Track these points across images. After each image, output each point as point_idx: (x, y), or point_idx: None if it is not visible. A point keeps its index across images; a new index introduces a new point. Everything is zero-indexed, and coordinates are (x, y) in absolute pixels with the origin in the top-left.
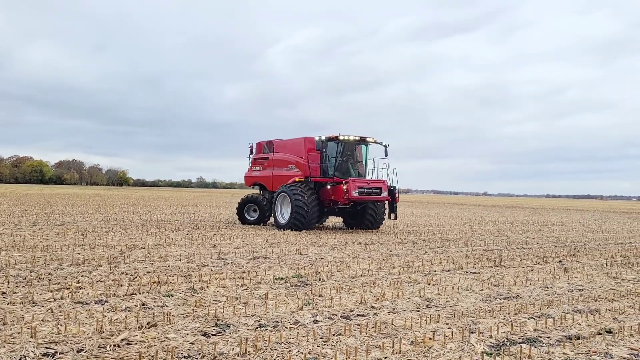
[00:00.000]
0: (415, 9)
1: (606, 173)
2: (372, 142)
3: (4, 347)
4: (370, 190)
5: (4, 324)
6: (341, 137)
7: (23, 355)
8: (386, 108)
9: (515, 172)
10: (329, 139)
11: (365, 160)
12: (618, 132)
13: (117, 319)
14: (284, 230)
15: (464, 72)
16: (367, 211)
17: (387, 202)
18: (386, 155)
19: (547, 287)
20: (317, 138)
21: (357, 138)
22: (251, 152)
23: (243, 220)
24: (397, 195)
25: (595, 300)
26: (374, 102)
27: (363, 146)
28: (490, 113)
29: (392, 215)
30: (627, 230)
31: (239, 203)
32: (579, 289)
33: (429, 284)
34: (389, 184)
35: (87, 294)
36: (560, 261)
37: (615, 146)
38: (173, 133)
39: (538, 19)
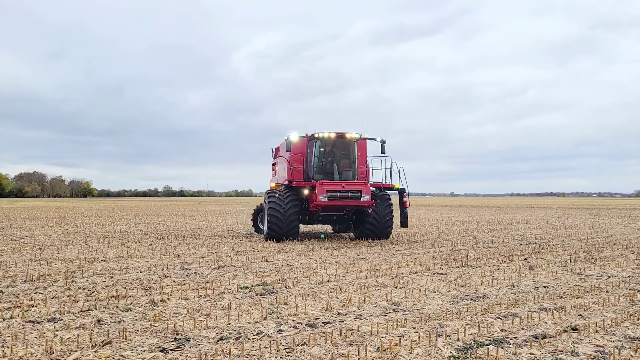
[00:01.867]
0: (377, 13)
1: (565, 171)
2: (358, 138)
3: None
4: (346, 194)
5: None
6: (316, 135)
7: None
8: (351, 112)
9: (480, 172)
10: (309, 138)
11: (354, 160)
12: (574, 131)
13: (69, 338)
14: (267, 240)
15: (427, 75)
16: (366, 217)
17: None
18: (383, 152)
19: (513, 286)
20: (286, 137)
21: (333, 135)
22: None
23: (258, 230)
24: (405, 199)
25: (561, 297)
26: (339, 106)
27: (354, 144)
28: (453, 115)
29: (401, 223)
30: (589, 226)
31: (253, 212)
32: (545, 287)
33: (396, 287)
34: (399, 186)
35: (40, 311)
36: (525, 259)
37: (572, 145)
38: (136, 142)
39: (497, 22)
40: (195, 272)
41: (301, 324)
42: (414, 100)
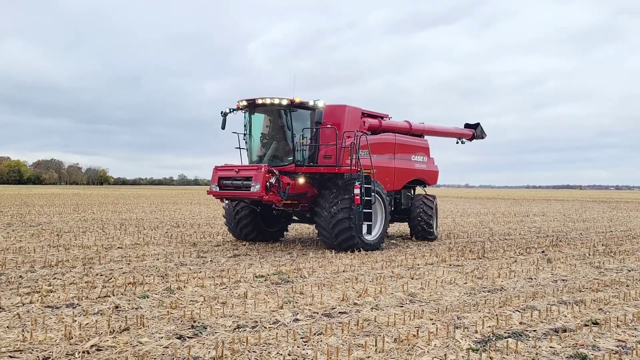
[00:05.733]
0: (394, 1)
1: (584, 162)
2: (285, 106)
3: None
4: (240, 182)
5: None
6: (240, 105)
7: None
8: (367, 101)
9: (496, 164)
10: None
11: (289, 135)
12: (594, 122)
13: (87, 324)
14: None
15: (445, 64)
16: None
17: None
18: (318, 121)
19: (531, 279)
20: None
21: (244, 103)
22: None
23: None
24: (356, 193)
25: (580, 291)
26: (355, 95)
27: (284, 113)
28: (471, 105)
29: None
30: (607, 219)
31: None
32: (563, 280)
33: (412, 278)
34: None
35: (58, 297)
36: (543, 252)
37: (593, 135)
38: (152, 131)
39: (517, 10)
40: (211, 261)
41: (317, 313)
42: (431, 90)
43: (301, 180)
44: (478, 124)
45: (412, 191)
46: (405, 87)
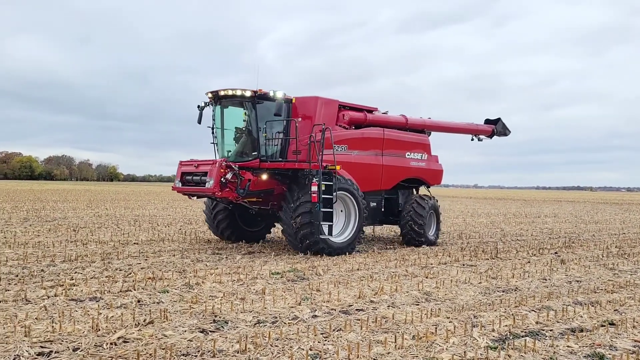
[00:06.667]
0: (404, 0)
1: (595, 164)
2: (248, 97)
3: None
4: (199, 177)
5: None
6: (209, 95)
7: (17, 355)
8: (376, 101)
9: (505, 164)
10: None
11: (254, 129)
12: (606, 123)
13: (112, 317)
14: None
15: (454, 64)
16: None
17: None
18: (278, 113)
19: (545, 279)
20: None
21: (209, 95)
22: None
23: None
24: (313, 191)
25: (595, 292)
26: (364, 94)
27: (249, 105)
28: (480, 105)
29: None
30: (620, 221)
31: None
32: (578, 281)
33: (426, 277)
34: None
35: (81, 290)
36: (556, 253)
37: (604, 137)
38: (161, 128)
39: (529, 9)
40: (226, 257)
41: (335, 310)
42: (440, 90)
43: (264, 176)
44: (499, 119)
45: (415, 191)
46: (415, 87)
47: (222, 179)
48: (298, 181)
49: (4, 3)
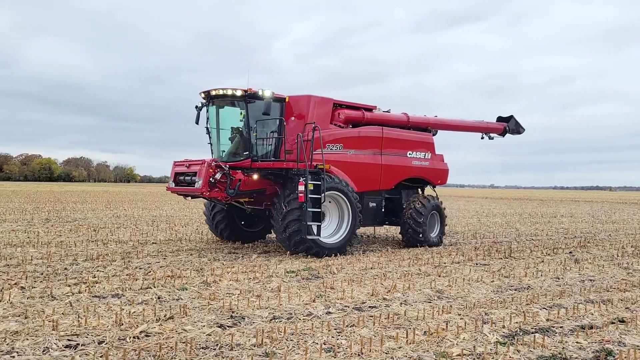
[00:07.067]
0: None
1: (615, 164)
2: (239, 96)
3: (27, 339)
4: (190, 177)
5: (25, 318)
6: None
7: (46, 347)
8: (392, 100)
9: (522, 164)
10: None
11: (245, 128)
12: (627, 122)
13: (134, 312)
14: None
15: (470, 63)
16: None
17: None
18: (267, 112)
19: (558, 278)
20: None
21: (202, 94)
22: None
23: None
24: (300, 190)
25: (607, 291)
26: (380, 94)
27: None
28: (496, 104)
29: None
30: (638, 221)
31: None
32: (591, 280)
33: (439, 276)
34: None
35: (104, 288)
36: (570, 252)
37: (624, 136)
38: (177, 129)
39: (546, 7)
40: (242, 256)
41: (348, 307)
42: (456, 89)
43: (255, 176)
44: (511, 117)
45: (421, 191)
46: (430, 86)
47: (211, 179)
48: (288, 181)
49: (23, 6)
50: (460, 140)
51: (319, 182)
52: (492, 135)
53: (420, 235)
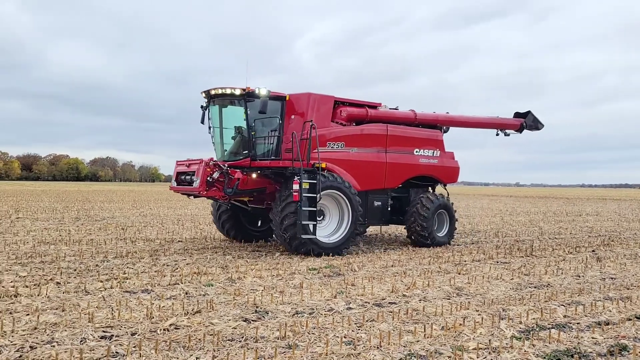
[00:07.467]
0: None
1: None
2: (238, 95)
3: (66, 330)
4: (190, 177)
5: (63, 311)
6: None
7: (83, 337)
8: (414, 98)
9: (549, 162)
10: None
11: (245, 127)
12: None
13: (164, 306)
14: None
15: (495, 60)
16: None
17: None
18: (263, 111)
19: (579, 276)
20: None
21: (203, 95)
22: None
23: None
24: (294, 189)
25: (627, 288)
26: (402, 92)
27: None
28: (522, 101)
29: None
30: None
31: None
32: (612, 278)
33: (459, 274)
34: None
35: (134, 283)
36: (593, 251)
37: None
38: (201, 130)
39: (571, 2)
40: (265, 254)
41: (368, 303)
42: (480, 86)
43: (254, 175)
44: (529, 112)
45: (432, 190)
46: (454, 84)
47: (209, 178)
48: (288, 181)
49: (47, 9)
50: (484, 138)
51: (315, 181)
52: (508, 131)
53: (426, 234)
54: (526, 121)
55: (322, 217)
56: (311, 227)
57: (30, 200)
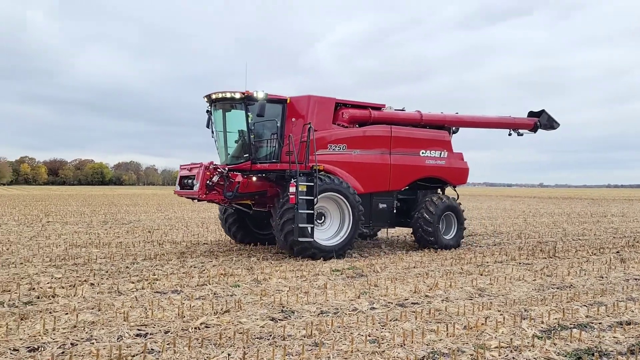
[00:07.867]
0: None
1: None
2: (238, 99)
3: (103, 329)
4: (191, 180)
5: (99, 310)
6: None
7: (120, 335)
8: (435, 99)
9: (574, 162)
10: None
11: (245, 131)
12: None
13: (194, 306)
14: None
15: (518, 59)
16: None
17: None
18: (260, 114)
19: (602, 277)
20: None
21: (205, 99)
22: None
23: None
24: (290, 190)
25: None
26: (423, 93)
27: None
28: (546, 100)
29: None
30: None
31: None
32: (635, 279)
33: (481, 275)
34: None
35: (164, 284)
36: (617, 252)
37: None
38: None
39: None
40: (289, 256)
41: (392, 303)
42: (503, 86)
43: (254, 178)
44: (543, 111)
45: (441, 192)
46: (475, 84)
47: (208, 182)
48: (286, 183)
49: (72, 15)
50: (508, 139)
51: (312, 184)
52: (521, 131)
53: (431, 237)
54: (540, 120)
55: (322, 219)
56: (309, 229)
57: (59, 205)
